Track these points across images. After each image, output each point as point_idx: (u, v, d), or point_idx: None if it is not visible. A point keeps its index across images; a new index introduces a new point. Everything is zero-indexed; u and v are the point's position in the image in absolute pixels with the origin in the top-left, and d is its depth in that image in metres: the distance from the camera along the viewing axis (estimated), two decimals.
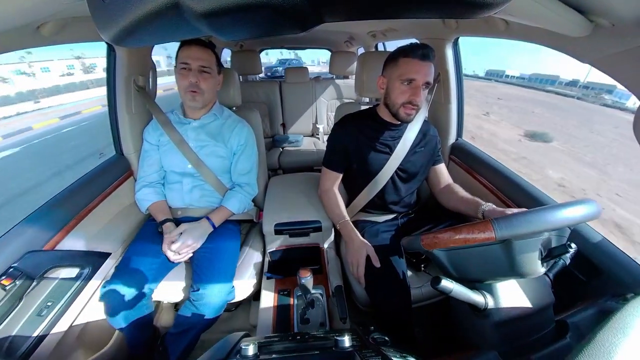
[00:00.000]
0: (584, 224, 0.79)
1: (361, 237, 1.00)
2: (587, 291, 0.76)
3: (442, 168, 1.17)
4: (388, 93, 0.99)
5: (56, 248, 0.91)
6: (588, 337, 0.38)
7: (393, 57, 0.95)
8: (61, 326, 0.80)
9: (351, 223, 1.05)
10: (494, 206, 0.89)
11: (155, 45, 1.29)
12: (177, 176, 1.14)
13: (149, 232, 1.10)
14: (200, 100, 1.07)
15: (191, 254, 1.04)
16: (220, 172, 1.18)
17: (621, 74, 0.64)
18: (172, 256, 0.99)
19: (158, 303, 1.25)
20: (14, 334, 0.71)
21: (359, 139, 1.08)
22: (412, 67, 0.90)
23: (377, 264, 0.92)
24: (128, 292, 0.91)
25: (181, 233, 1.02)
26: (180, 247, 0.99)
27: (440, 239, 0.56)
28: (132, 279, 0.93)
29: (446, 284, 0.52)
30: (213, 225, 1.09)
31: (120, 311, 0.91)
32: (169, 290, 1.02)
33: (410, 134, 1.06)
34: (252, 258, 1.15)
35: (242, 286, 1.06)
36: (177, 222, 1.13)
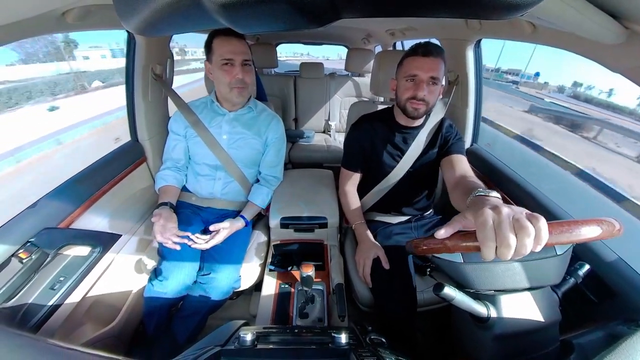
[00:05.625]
0: (600, 242, 0.76)
1: (373, 239, 1.01)
2: (597, 313, 0.73)
3: (456, 159, 0.98)
4: (397, 93, 1.00)
5: (70, 227, 0.95)
6: None
7: (400, 60, 0.98)
8: (72, 300, 0.83)
9: (366, 225, 1.06)
10: (487, 196, 0.54)
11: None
12: (208, 169, 1.16)
13: (183, 217, 1.10)
14: (246, 94, 1.08)
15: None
16: (249, 164, 1.20)
17: None
18: (195, 244, 1.00)
19: None
20: (28, 303, 0.75)
21: (373, 139, 1.08)
22: (414, 63, 0.91)
23: (387, 266, 0.92)
24: (174, 278, 0.96)
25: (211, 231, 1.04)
26: (212, 239, 1.01)
27: (427, 244, 0.53)
28: (179, 263, 0.98)
29: (449, 291, 0.50)
30: (247, 223, 1.13)
31: (162, 294, 0.95)
32: None
33: (423, 136, 1.04)
34: (256, 249, 1.16)
35: (246, 276, 1.08)
36: (198, 211, 1.16)
